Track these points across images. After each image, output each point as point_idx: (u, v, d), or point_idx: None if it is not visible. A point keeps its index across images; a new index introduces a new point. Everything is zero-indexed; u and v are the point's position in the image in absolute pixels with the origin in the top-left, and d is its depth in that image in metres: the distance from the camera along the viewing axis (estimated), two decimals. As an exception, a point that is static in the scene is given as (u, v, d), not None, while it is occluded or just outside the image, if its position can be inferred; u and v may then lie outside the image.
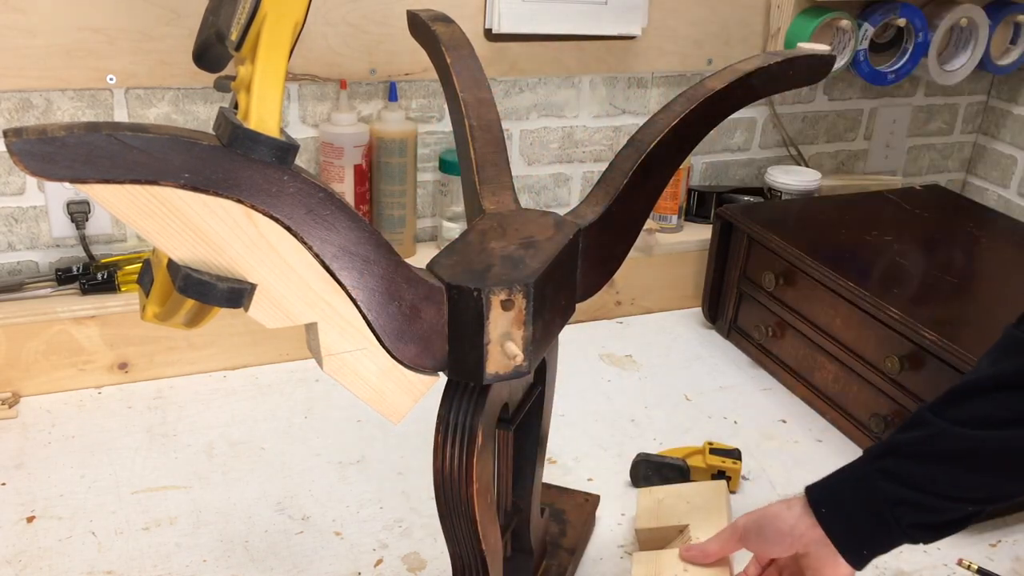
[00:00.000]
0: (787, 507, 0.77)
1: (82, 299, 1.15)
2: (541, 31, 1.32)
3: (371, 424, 1.13)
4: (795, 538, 0.75)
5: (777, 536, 0.76)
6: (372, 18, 1.24)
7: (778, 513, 0.77)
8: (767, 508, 0.79)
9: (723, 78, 0.79)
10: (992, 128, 1.74)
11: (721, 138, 1.56)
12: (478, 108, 0.82)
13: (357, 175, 1.27)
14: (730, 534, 0.82)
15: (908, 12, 1.43)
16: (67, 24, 1.11)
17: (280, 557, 0.92)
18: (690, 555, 0.85)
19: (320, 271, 0.60)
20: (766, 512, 0.78)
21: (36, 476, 1.01)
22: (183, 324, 0.64)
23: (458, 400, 0.68)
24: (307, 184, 0.57)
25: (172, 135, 0.52)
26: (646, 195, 0.80)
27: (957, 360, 1.00)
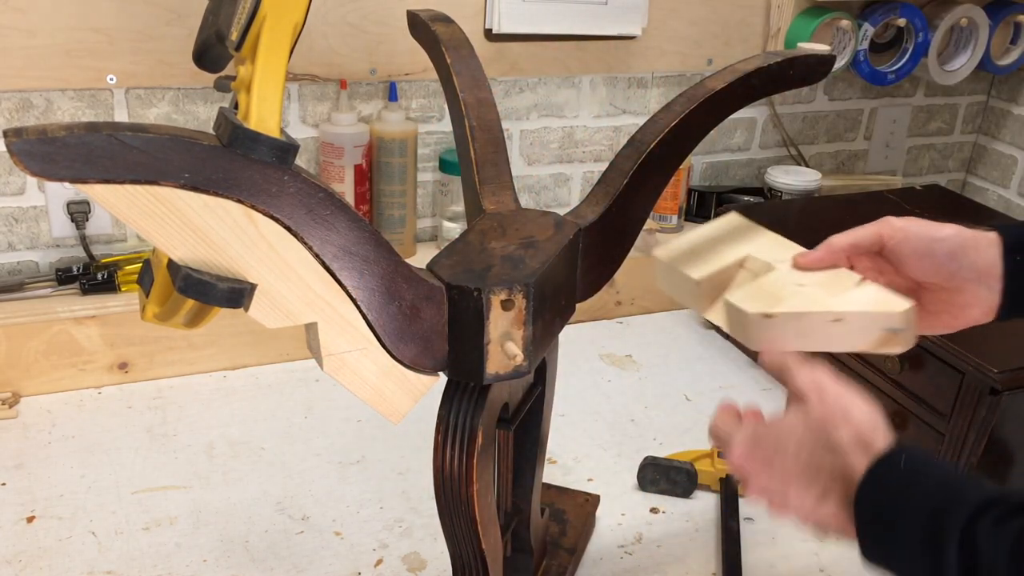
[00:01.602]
0: (982, 241, 0.70)
1: (82, 299, 1.15)
2: (541, 31, 1.32)
3: (371, 424, 1.13)
4: (967, 270, 0.70)
5: (949, 261, 0.70)
6: (372, 18, 1.24)
7: (969, 242, 0.70)
8: (943, 228, 0.72)
9: (723, 78, 0.79)
10: (992, 128, 1.74)
11: (721, 138, 1.56)
12: (478, 108, 0.82)
13: (357, 175, 1.27)
14: (872, 235, 0.73)
15: (908, 12, 1.43)
16: (67, 24, 1.11)
17: (280, 557, 0.92)
18: (808, 260, 0.75)
19: (320, 271, 0.60)
20: (944, 233, 0.71)
21: (36, 476, 1.01)
22: (183, 324, 0.64)
23: (458, 400, 0.68)
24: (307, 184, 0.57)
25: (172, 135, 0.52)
26: (646, 195, 0.80)
27: (957, 360, 1.00)
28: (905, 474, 0.59)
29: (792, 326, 0.70)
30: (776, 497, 0.65)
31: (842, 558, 0.95)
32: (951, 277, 0.70)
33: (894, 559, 0.59)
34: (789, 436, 0.64)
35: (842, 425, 0.62)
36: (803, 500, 0.63)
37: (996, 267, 0.69)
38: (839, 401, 0.64)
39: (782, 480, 0.64)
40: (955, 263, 0.70)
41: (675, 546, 0.96)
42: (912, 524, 0.57)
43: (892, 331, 0.68)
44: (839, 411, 0.63)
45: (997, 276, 0.70)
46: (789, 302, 0.71)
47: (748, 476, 0.66)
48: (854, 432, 0.61)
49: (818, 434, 0.63)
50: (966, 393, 0.99)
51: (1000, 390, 0.96)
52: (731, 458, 0.67)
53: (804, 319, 0.70)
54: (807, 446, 0.63)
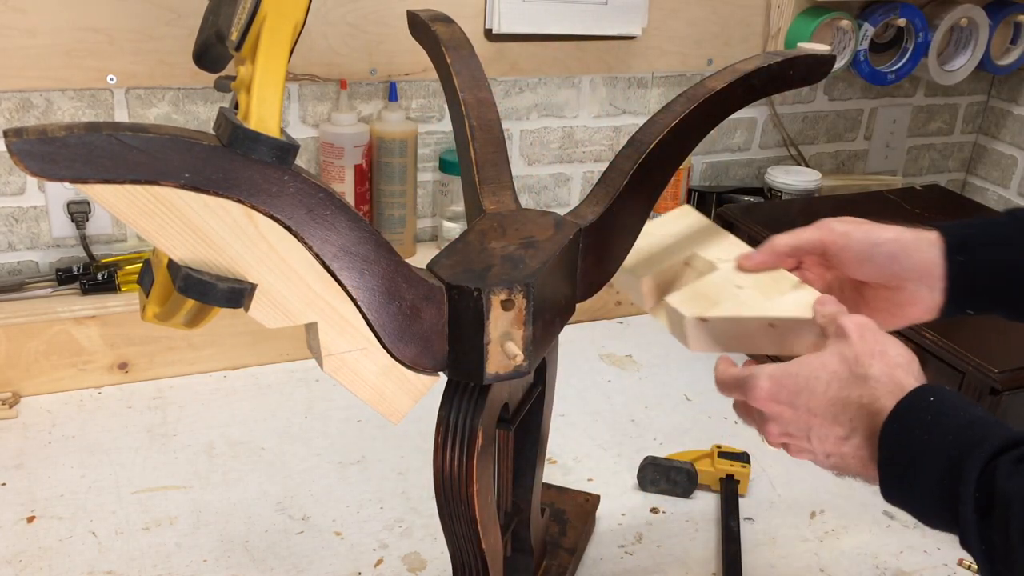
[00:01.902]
0: (923, 242, 0.72)
1: (82, 299, 1.15)
2: (541, 31, 1.32)
3: (371, 424, 1.13)
4: (908, 271, 0.71)
5: (890, 263, 0.72)
6: (372, 18, 1.24)
7: (911, 244, 0.72)
8: (884, 230, 0.73)
9: (723, 78, 0.79)
10: (992, 128, 1.74)
11: (721, 138, 1.56)
12: (478, 108, 0.82)
13: (357, 175, 1.27)
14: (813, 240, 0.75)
15: (908, 12, 1.43)
16: (67, 24, 1.11)
17: (280, 557, 0.92)
18: (751, 263, 0.76)
19: (320, 271, 0.60)
20: (885, 236, 0.73)
21: (36, 476, 1.01)
22: (183, 324, 0.64)
23: (458, 400, 0.68)
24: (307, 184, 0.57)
25: (172, 135, 0.52)
26: (646, 195, 0.80)
27: (957, 360, 1.00)
28: (931, 412, 0.59)
29: (727, 329, 0.72)
30: (798, 436, 0.65)
31: (842, 558, 0.95)
32: (893, 278, 0.72)
33: (913, 496, 0.60)
34: (821, 370, 0.64)
35: (878, 359, 0.62)
36: (827, 436, 0.64)
37: (938, 267, 0.71)
38: (878, 338, 0.65)
39: (807, 417, 0.64)
40: (897, 265, 0.71)
41: (675, 546, 0.96)
42: (933, 461, 0.58)
43: (824, 337, 0.69)
44: (877, 347, 0.64)
45: (939, 276, 0.71)
46: (725, 306, 0.72)
47: (771, 415, 0.66)
48: (888, 368, 0.62)
49: (853, 367, 0.63)
50: (966, 393, 0.99)
51: (1000, 390, 0.96)
52: (756, 396, 0.67)
53: (739, 323, 0.71)
54: (840, 378, 0.63)
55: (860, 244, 0.72)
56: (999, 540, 0.54)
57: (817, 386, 0.64)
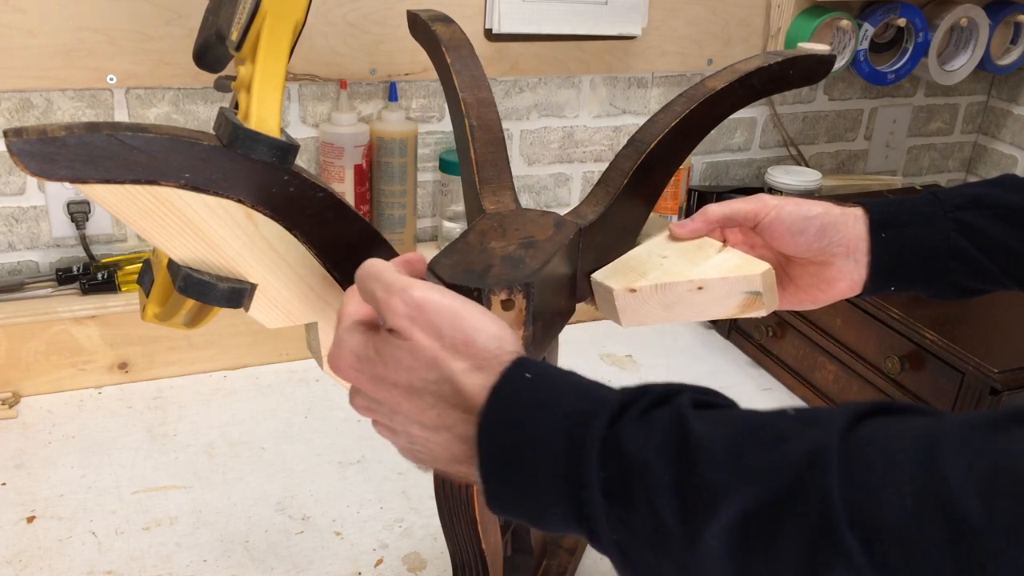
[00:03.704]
0: (849, 217, 0.72)
1: (82, 299, 1.15)
2: (541, 31, 1.32)
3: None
4: (836, 246, 0.72)
5: (820, 237, 0.72)
6: (372, 18, 1.24)
7: (839, 218, 0.72)
8: (814, 205, 0.73)
9: (723, 78, 0.79)
10: (992, 128, 1.74)
11: (721, 138, 1.56)
12: (478, 108, 0.82)
13: (357, 175, 1.27)
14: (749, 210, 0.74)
15: (908, 12, 1.43)
16: (67, 24, 1.11)
17: (280, 557, 0.92)
18: (684, 230, 0.75)
19: (320, 271, 0.60)
20: (815, 211, 0.72)
21: (36, 476, 1.01)
22: (183, 324, 0.64)
23: (458, 400, 0.68)
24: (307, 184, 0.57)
25: (172, 135, 0.52)
26: (646, 195, 0.80)
27: (957, 360, 1.00)
28: (529, 389, 0.49)
29: (657, 298, 0.72)
30: (387, 420, 0.56)
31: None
32: (821, 252, 0.73)
33: (525, 490, 0.48)
34: (397, 365, 0.52)
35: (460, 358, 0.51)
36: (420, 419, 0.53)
37: (863, 241, 0.72)
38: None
39: (392, 399, 0.54)
40: (825, 238, 0.72)
41: (675, 546, 0.96)
42: (543, 450, 0.47)
43: (753, 294, 0.70)
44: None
45: (864, 251, 0.72)
46: (652, 275, 0.73)
47: (357, 387, 0.56)
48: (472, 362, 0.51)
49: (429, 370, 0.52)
50: (966, 393, 0.99)
51: (1000, 390, 0.96)
52: (335, 363, 0.55)
53: (668, 290, 0.72)
54: (420, 375, 0.52)
55: (792, 217, 0.73)
56: (644, 518, 0.45)
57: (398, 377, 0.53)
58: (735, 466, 0.43)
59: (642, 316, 0.72)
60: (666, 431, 0.45)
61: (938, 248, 0.71)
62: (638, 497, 0.45)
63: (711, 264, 0.73)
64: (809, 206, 0.73)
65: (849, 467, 0.40)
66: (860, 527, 0.39)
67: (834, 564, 0.39)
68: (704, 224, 0.76)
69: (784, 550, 0.41)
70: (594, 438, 0.46)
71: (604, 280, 0.74)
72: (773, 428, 0.44)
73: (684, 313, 0.73)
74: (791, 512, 0.41)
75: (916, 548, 0.38)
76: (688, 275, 0.72)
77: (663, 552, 0.45)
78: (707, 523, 0.43)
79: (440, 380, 0.51)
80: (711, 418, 0.46)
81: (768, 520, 0.41)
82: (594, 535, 0.47)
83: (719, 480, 0.43)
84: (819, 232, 0.72)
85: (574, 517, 0.47)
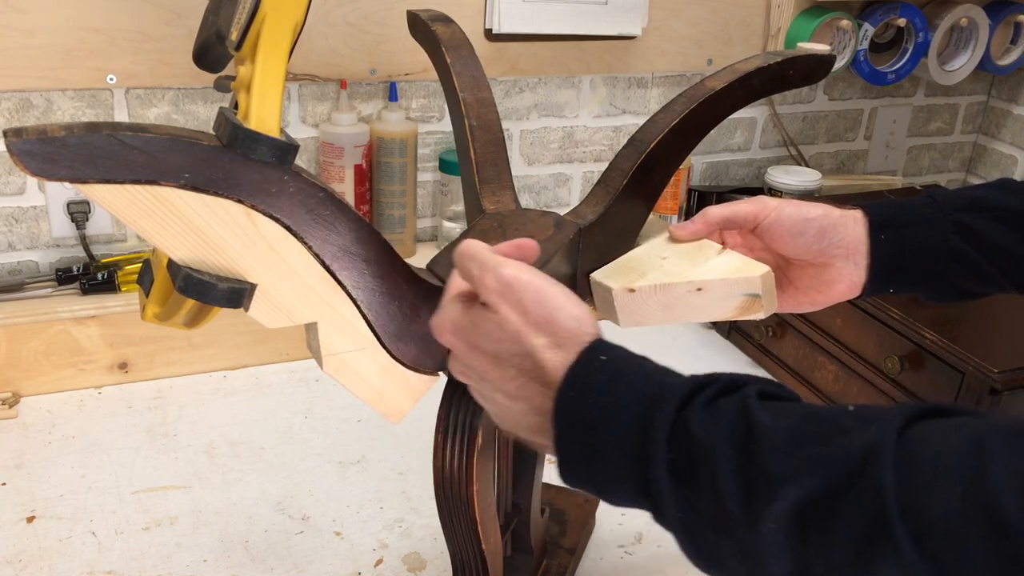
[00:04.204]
0: (849, 219, 0.72)
1: (82, 299, 1.15)
2: (541, 31, 1.32)
3: (371, 424, 1.13)
4: (836, 247, 0.72)
5: (820, 238, 0.71)
6: (372, 18, 1.24)
7: (838, 220, 0.72)
8: (814, 207, 0.72)
9: (723, 78, 0.79)
10: (992, 128, 1.74)
11: (721, 138, 1.56)
12: (478, 108, 0.82)
13: (357, 175, 1.27)
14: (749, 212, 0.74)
15: (908, 12, 1.43)
16: (67, 24, 1.11)
17: (280, 557, 0.92)
18: (685, 231, 0.75)
19: (320, 271, 0.60)
20: (815, 212, 0.72)
21: (36, 476, 1.01)
22: (183, 324, 0.64)
23: (458, 400, 0.68)
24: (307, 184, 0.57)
25: (172, 135, 0.52)
26: (646, 195, 0.80)
27: (957, 360, 1.00)
28: (606, 373, 0.53)
29: (656, 299, 0.72)
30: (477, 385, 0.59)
31: (842, 558, 0.95)
32: (820, 254, 0.73)
33: (597, 472, 0.52)
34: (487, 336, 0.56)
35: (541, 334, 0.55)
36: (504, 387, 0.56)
37: (863, 243, 0.72)
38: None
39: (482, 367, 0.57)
40: (825, 240, 0.72)
41: (675, 546, 0.96)
42: (614, 427, 0.51)
43: (752, 296, 0.70)
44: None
45: (863, 252, 0.72)
46: (651, 275, 0.73)
47: (454, 352, 0.59)
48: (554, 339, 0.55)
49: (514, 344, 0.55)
50: (966, 393, 0.99)
51: (1000, 390, 0.96)
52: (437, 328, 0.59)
53: (667, 290, 0.72)
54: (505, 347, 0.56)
55: (792, 219, 0.73)
56: (708, 500, 0.48)
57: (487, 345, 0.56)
58: (795, 456, 0.45)
59: (641, 317, 0.72)
60: (732, 419, 0.48)
61: (938, 250, 0.71)
62: (703, 479, 0.48)
63: (711, 266, 0.73)
64: (809, 208, 0.74)
65: (903, 465, 0.43)
66: (912, 522, 0.41)
67: (886, 555, 0.42)
68: (704, 226, 0.76)
69: (838, 538, 0.43)
70: (664, 421, 0.49)
71: (603, 280, 0.74)
72: (833, 422, 0.46)
73: (683, 314, 0.73)
74: (847, 503, 0.43)
75: (961, 545, 0.40)
76: (687, 276, 0.72)
77: (724, 532, 0.47)
78: (767, 508, 0.45)
79: (522, 354, 0.55)
80: (775, 409, 0.48)
81: (825, 509, 0.44)
82: (659, 512, 0.51)
83: (780, 468, 0.45)
84: (819, 234, 0.72)
85: (640, 493, 0.51)
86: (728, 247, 0.76)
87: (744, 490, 0.46)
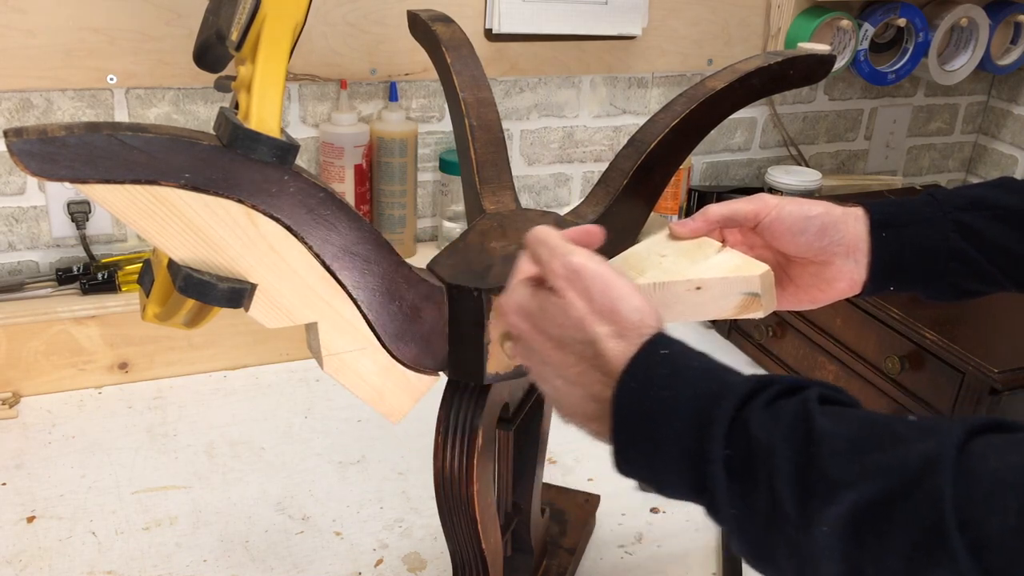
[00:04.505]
0: (850, 217, 0.72)
1: (82, 299, 1.15)
2: (541, 31, 1.32)
3: (371, 424, 1.13)
4: (837, 245, 0.72)
5: (821, 236, 0.71)
6: (372, 18, 1.24)
7: (839, 218, 0.71)
8: (815, 205, 0.72)
9: (723, 78, 0.79)
10: (992, 128, 1.74)
11: (721, 138, 1.56)
12: (478, 108, 0.82)
13: (357, 175, 1.27)
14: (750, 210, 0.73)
15: (908, 12, 1.43)
16: (67, 24, 1.11)
17: (280, 557, 0.92)
18: (685, 229, 0.74)
19: (320, 271, 0.60)
20: (816, 210, 0.72)
21: (36, 476, 1.01)
22: (183, 324, 0.64)
23: (458, 400, 0.68)
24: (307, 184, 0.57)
25: (172, 135, 0.52)
26: (646, 195, 0.80)
27: (957, 360, 1.00)
28: (667, 366, 0.54)
29: (655, 297, 0.72)
30: (539, 368, 0.60)
31: (842, 558, 0.95)
32: (821, 252, 0.73)
33: (653, 464, 0.54)
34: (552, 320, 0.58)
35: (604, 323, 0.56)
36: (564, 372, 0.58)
37: (863, 241, 0.72)
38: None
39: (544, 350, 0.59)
40: (826, 238, 0.72)
41: (675, 546, 0.96)
42: (673, 421, 0.52)
43: (751, 295, 0.70)
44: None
45: (864, 250, 0.72)
46: (651, 274, 0.72)
47: (518, 334, 0.61)
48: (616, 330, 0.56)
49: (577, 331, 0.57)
50: (966, 393, 0.99)
51: (1000, 390, 0.96)
52: (503, 309, 0.61)
53: (666, 289, 0.72)
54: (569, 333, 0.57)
55: (793, 216, 0.73)
56: (764, 499, 0.48)
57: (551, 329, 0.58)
58: (854, 461, 0.46)
59: None
60: (792, 421, 0.49)
61: (938, 248, 0.71)
62: (760, 478, 0.48)
63: (710, 264, 0.73)
64: (810, 206, 0.74)
65: (963, 478, 0.43)
66: (970, 535, 0.42)
67: (941, 565, 0.43)
68: (704, 224, 0.76)
69: (893, 544, 0.44)
70: (723, 418, 0.50)
71: None
72: (893, 431, 0.47)
73: (682, 313, 0.73)
74: (903, 510, 0.44)
75: (1016, 561, 0.41)
76: (687, 274, 0.72)
77: (777, 531, 0.48)
78: (822, 510, 0.46)
79: (585, 341, 0.56)
80: (835, 414, 0.49)
81: (880, 515, 0.45)
82: (713, 507, 0.52)
83: (838, 472, 0.46)
84: (819, 232, 0.72)
85: (695, 488, 0.52)
86: (728, 245, 0.76)
87: (801, 492, 0.47)
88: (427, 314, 0.64)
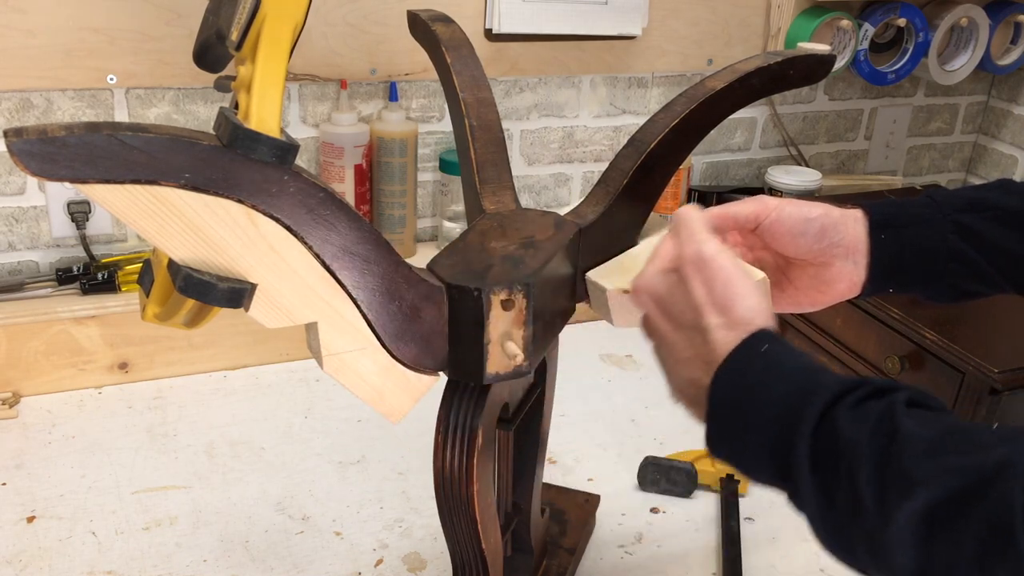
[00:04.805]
0: (849, 218, 0.73)
1: (82, 299, 1.15)
2: (541, 31, 1.32)
3: (371, 424, 1.13)
4: (836, 247, 0.72)
5: (820, 238, 0.72)
6: (372, 18, 1.24)
7: (839, 219, 0.72)
8: (814, 207, 0.73)
9: (723, 78, 0.79)
10: (992, 128, 1.74)
11: (721, 138, 1.56)
12: (478, 108, 0.82)
13: (357, 175, 1.27)
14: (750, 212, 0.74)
15: (908, 12, 1.43)
16: (67, 24, 1.11)
17: (280, 557, 0.92)
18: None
19: (320, 271, 0.60)
20: (816, 212, 0.73)
21: (36, 476, 1.01)
22: (183, 324, 0.64)
23: (458, 400, 0.68)
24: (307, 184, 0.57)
25: (172, 135, 0.52)
26: (646, 195, 0.80)
27: (957, 360, 1.00)
28: (764, 361, 0.58)
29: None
30: (658, 348, 0.66)
31: (842, 558, 0.95)
32: (821, 253, 0.73)
33: (744, 449, 0.57)
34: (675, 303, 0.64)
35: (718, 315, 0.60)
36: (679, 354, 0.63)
37: (863, 243, 0.73)
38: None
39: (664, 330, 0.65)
40: (825, 240, 0.73)
41: (675, 546, 0.96)
42: (765, 411, 0.56)
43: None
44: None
45: (863, 252, 0.73)
46: None
47: (648, 313, 0.67)
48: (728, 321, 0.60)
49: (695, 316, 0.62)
50: (966, 393, 0.99)
51: (1000, 390, 0.96)
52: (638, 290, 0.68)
53: None
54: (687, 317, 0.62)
55: (792, 218, 0.73)
56: (844, 492, 0.51)
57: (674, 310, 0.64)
58: (932, 461, 0.49)
59: (635, 318, 0.72)
60: (878, 421, 0.52)
61: (937, 250, 0.71)
62: (842, 472, 0.52)
63: None
64: (809, 208, 0.74)
65: None
66: None
67: (1008, 562, 0.45)
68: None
69: (963, 541, 0.47)
70: (812, 414, 0.53)
71: (598, 279, 0.74)
72: (974, 436, 0.50)
73: None
74: (975, 510, 0.47)
75: None
76: None
77: (855, 523, 0.51)
78: (899, 505, 0.49)
79: (698, 328, 0.61)
80: (920, 417, 0.52)
81: (953, 512, 0.47)
82: (796, 495, 0.55)
83: (918, 472, 0.49)
84: (819, 233, 0.72)
85: (780, 476, 0.55)
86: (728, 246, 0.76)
87: (880, 487, 0.50)
88: (427, 314, 0.64)
